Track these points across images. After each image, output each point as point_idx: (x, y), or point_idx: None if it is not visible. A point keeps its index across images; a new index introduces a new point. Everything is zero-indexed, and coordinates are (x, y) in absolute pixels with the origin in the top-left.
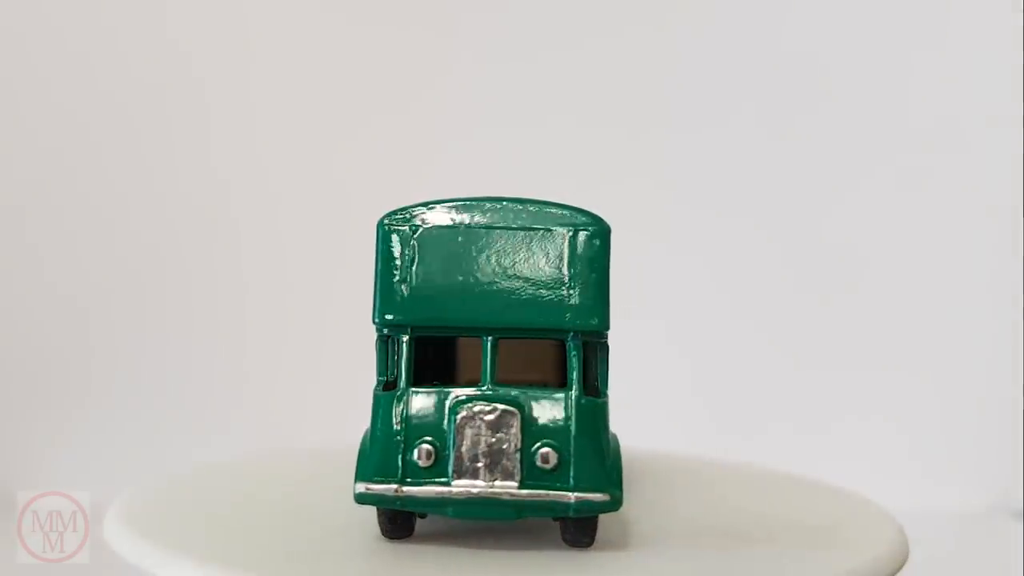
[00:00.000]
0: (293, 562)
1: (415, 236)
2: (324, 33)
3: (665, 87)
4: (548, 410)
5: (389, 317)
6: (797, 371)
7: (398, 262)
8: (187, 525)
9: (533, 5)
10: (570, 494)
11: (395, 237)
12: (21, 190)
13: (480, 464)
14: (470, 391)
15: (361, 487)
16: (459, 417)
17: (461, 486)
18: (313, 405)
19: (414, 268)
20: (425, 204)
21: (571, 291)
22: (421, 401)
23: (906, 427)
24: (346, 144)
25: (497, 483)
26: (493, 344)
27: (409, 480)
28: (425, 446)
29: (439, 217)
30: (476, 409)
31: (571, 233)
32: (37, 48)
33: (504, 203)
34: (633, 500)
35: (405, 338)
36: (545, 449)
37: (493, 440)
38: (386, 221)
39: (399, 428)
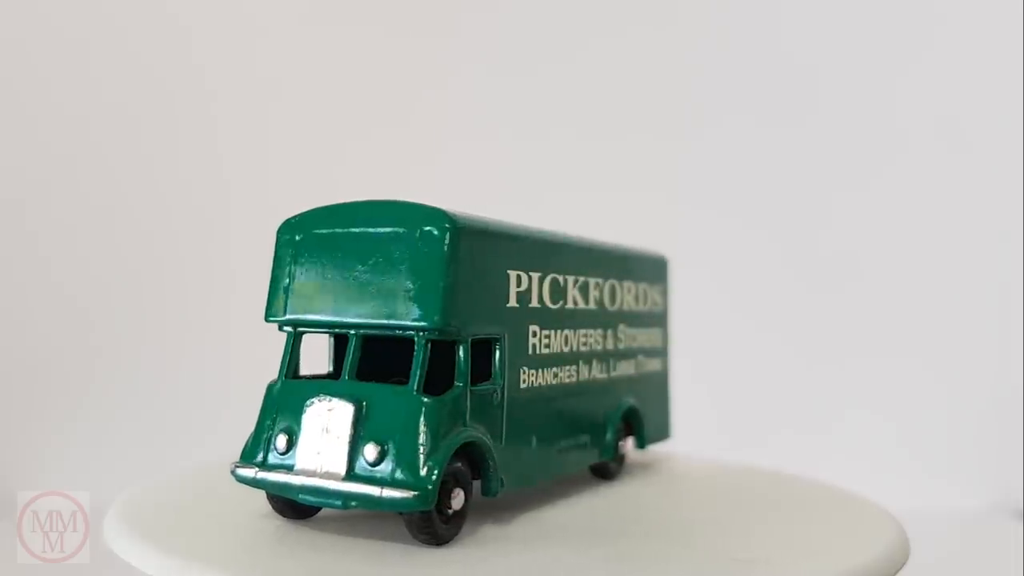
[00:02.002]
0: (291, 562)
1: (299, 241)
2: (324, 39)
3: (672, 90)
4: (385, 407)
5: (274, 317)
6: (798, 372)
7: (285, 266)
8: (186, 525)
9: (537, 14)
10: (379, 489)
11: (285, 242)
12: (23, 196)
13: (317, 454)
14: (326, 385)
15: (234, 468)
16: (307, 409)
17: (300, 473)
18: None
19: (297, 271)
20: (313, 211)
21: (413, 289)
22: (290, 393)
23: (906, 427)
24: (345, 151)
25: (327, 473)
26: (357, 341)
27: (267, 465)
28: (282, 435)
29: (318, 222)
30: (320, 403)
31: (418, 233)
32: (37, 49)
33: (370, 206)
34: (633, 498)
35: (289, 335)
36: (370, 444)
37: (329, 432)
38: (281, 227)
39: (271, 416)
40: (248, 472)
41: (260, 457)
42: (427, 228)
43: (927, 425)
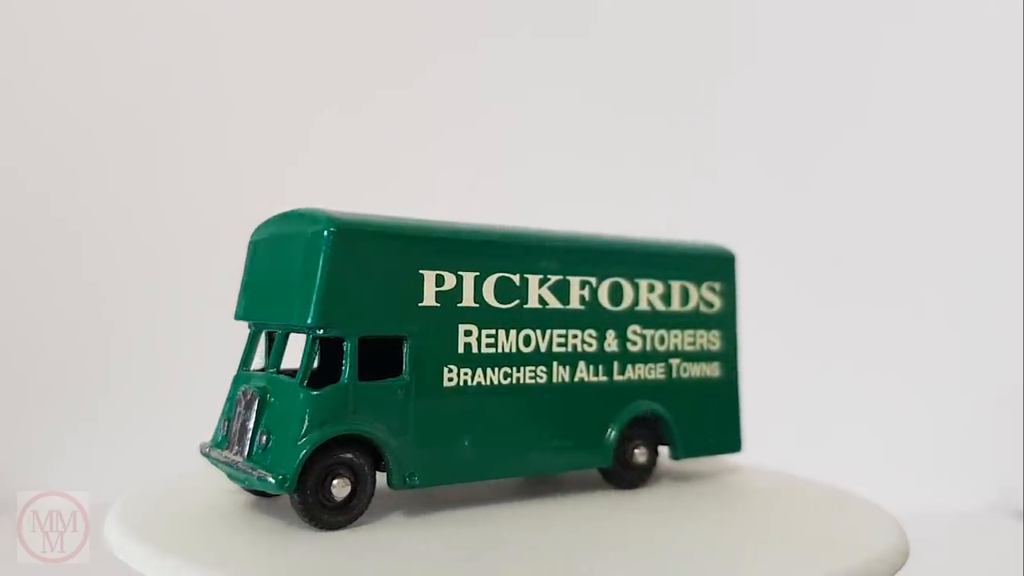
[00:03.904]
0: (290, 563)
1: (254, 247)
2: (320, 38)
3: (678, 81)
4: (278, 398)
5: (237, 315)
6: (797, 372)
7: (245, 270)
8: (186, 526)
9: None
10: (256, 471)
11: (248, 248)
12: (22, 198)
13: (237, 436)
14: (252, 377)
15: (201, 447)
16: (235, 398)
17: (227, 452)
18: None
19: (250, 275)
20: (271, 217)
21: (300, 289)
22: (239, 383)
23: (906, 427)
24: (337, 151)
25: (238, 453)
26: (281, 336)
27: (215, 445)
28: (225, 419)
29: (269, 228)
30: (242, 392)
31: (308, 235)
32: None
33: (294, 213)
34: (609, 499)
35: (250, 331)
36: (261, 430)
37: (243, 418)
38: (252, 232)
39: (227, 403)
40: (205, 451)
41: (216, 439)
42: (312, 231)
43: (927, 425)
